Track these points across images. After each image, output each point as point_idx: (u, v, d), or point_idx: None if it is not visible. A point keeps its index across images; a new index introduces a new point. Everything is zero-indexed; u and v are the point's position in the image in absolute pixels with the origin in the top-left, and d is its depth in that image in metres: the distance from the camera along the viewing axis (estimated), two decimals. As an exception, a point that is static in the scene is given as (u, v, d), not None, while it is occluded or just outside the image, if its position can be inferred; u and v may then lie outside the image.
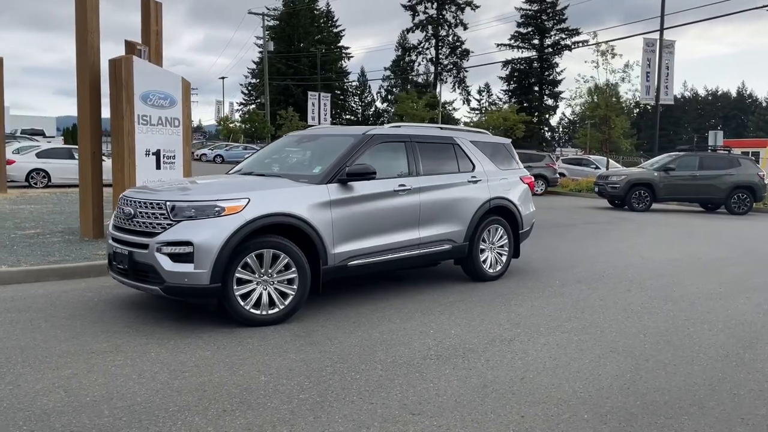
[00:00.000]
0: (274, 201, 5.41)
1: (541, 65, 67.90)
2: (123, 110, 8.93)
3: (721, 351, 4.89)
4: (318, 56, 63.07)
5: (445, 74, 78.15)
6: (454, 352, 4.75)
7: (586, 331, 5.37)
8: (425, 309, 6.00)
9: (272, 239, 5.33)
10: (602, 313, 5.96)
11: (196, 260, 5.01)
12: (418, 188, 6.50)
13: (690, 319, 5.80)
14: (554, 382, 4.15)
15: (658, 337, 5.21)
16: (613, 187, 18.14)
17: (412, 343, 4.95)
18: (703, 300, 6.61)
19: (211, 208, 5.14)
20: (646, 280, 7.58)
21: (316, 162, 6.34)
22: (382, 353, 4.68)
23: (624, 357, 4.70)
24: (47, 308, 5.79)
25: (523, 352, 4.77)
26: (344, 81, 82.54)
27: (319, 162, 6.25)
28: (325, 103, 49.60)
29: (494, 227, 7.37)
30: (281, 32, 77.87)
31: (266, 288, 5.34)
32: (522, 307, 6.16)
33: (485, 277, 7.27)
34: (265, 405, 3.70)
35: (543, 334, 5.24)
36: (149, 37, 10.05)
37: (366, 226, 6.02)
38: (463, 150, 7.22)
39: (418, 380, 4.14)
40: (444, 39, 76.15)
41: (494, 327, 5.43)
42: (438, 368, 4.38)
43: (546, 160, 24.75)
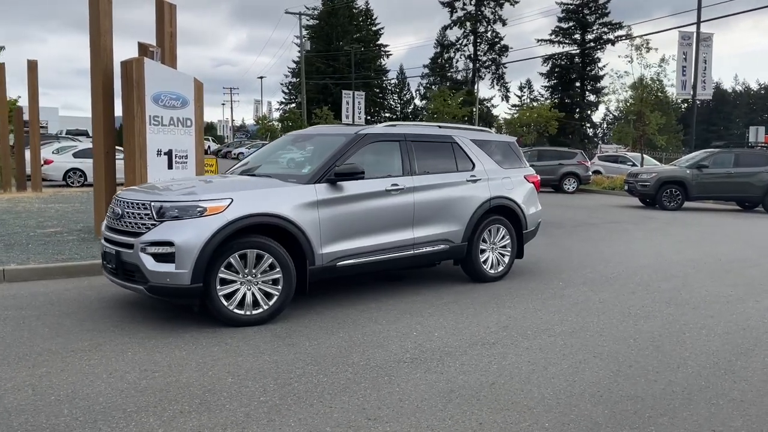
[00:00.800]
0: (257, 201, 5.40)
1: (583, 60, 66.58)
2: (134, 111, 9.07)
3: (711, 358, 4.68)
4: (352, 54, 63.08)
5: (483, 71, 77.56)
6: (431, 355, 4.66)
7: (575, 334, 5.22)
8: (416, 310, 5.92)
9: (256, 239, 5.33)
10: (597, 317, 5.78)
11: (177, 260, 5.04)
12: (412, 188, 6.41)
13: (688, 324, 5.59)
14: (525, 388, 4.03)
15: (649, 343, 5.02)
16: (643, 185, 17.66)
17: (391, 345, 4.88)
18: (709, 303, 6.35)
19: (194, 208, 5.16)
20: (655, 282, 7.34)
21: (308, 162, 6.32)
22: (357, 355, 4.63)
23: (606, 362, 4.54)
24: (44, 306, 5.91)
25: (502, 356, 4.66)
26: (383, 79, 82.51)
27: (311, 162, 6.23)
28: (359, 101, 49.63)
29: (495, 227, 7.23)
30: (320, 31, 78.36)
31: (250, 288, 5.34)
32: (516, 309, 6.02)
33: (486, 278, 7.14)
34: (223, 407, 3.69)
35: (528, 338, 5.10)
36: (163, 39, 10.17)
37: (356, 226, 5.97)
38: (463, 149, 7.10)
39: (385, 384, 4.08)
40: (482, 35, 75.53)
41: (480, 330, 5.32)
42: (409, 372, 4.30)
43: (578, 158, 24.25)
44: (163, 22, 10.20)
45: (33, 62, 18.02)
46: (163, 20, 10.19)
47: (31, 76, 18.13)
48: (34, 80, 18.14)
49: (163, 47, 10.20)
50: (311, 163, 6.15)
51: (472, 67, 75.85)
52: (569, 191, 23.54)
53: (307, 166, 6.13)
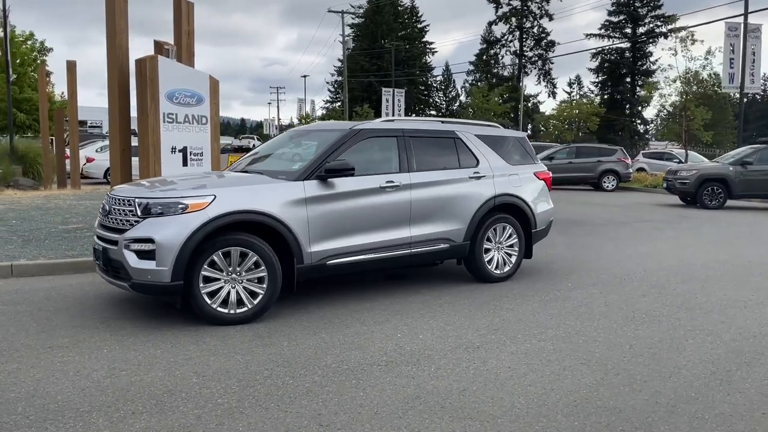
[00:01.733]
0: (241, 198, 5.32)
1: (634, 55, 64.78)
2: (148, 108, 9.13)
3: (710, 367, 4.36)
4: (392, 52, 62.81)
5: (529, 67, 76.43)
6: (409, 358, 4.48)
7: (568, 339, 4.95)
8: (408, 311, 5.74)
9: (239, 237, 5.24)
10: (598, 320, 5.50)
11: (158, 257, 4.99)
12: (409, 185, 6.23)
13: (695, 330, 5.25)
14: (496, 396, 3.82)
15: (645, 349, 4.73)
16: (682, 182, 16.97)
17: (371, 347, 4.72)
18: (723, 308, 5.98)
19: (175, 205, 5.10)
20: (672, 285, 6.96)
21: (301, 158, 6.21)
22: (332, 357, 4.48)
23: (592, 370, 4.28)
24: (41, 301, 5.96)
25: (482, 360, 4.44)
26: (428, 76, 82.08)
27: (304, 158, 6.12)
28: (399, 99, 49.39)
29: (501, 226, 6.98)
30: (365, 29, 78.52)
31: (234, 286, 5.26)
32: (513, 311, 5.78)
33: (491, 278, 6.90)
34: (177, 408, 3.60)
35: (517, 342, 4.87)
36: (181, 37, 10.23)
37: (348, 224, 5.83)
38: (466, 145, 6.87)
39: (351, 388, 3.92)
40: (528, 31, 74.44)
41: (469, 332, 5.11)
42: (379, 376, 4.14)
43: (617, 155, 23.52)
44: (180, 20, 10.26)
45: (72, 63, 18.48)
46: (181, 18, 10.25)
47: (69, 77, 18.61)
48: (73, 80, 18.60)
49: (180, 45, 10.26)
50: (304, 159, 6.03)
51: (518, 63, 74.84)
52: (608, 189, 22.86)
53: (298, 163, 6.01)
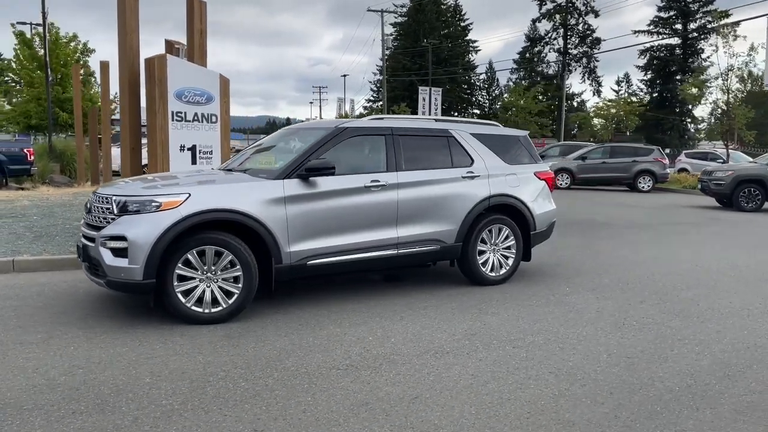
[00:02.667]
0: (216, 197, 5.28)
1: (684, 52, 62.85)
2: (156, 107, 9.22)
3: (687, 380, 4.11)
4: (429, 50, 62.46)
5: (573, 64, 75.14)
6: (372, 362, 4.36)
7: (545, 346, 4.75)
8: (389, 313, 5.61)
9: (214, 236, 5.20)
10: (584, 327, 5.26)
11: (130, 255, 4.99)
12: (396, 184, 6.09)
13: (684, 339, 4.97)
14: (448, 405, 3.67)
15: (623, 359, 4.49)
16: (717, 183, 16.33)
17: (337, 350, 4.61)
18: (724, 316, 5.66)
19: (149, 203, 5.09)
20: (676, 291, 6.65)
21: (286, 157, 6.13)
22: (293, 360, 4.39)
23: (560, 380, 4.08)
24: (30, 297, 6.04)
25: (447, 367, 4.29)
26: (470, 75, 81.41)
27: (288, 157, 6.04)
28: (436, 97, 49.07)
29: (497, 227, 6.77)
30: (407, 28, 78.36)
31: (210, 286, 5.22)
32: (498, 315, 5.59)
33: (485, 281, 6.71)
34: (118, 409, 3.56)
35: (490, 348, 4.69)
36: (193, 36, 10.30)
37: (330, 223, 5.73)
38: (460, 143, 6.69)
39: (301, 393, 3.82)
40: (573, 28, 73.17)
41: (443, 337, 4.95)
42: (336, 380, 4.03)
43: (654, 154, 22.81)
44: (192, 19, 10.32)
45: (105, 64, 18.88)
46: (193, 17, 10.31)
47: (103, 78, 19.01)
48: (106, 81, 19.00)
49: (192, 44, 10.33)
50: (288, 158, 5.96)
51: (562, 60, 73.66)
52: (644, 190, 22.20)
53: (281, 161, 5.94)
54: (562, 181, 22.57)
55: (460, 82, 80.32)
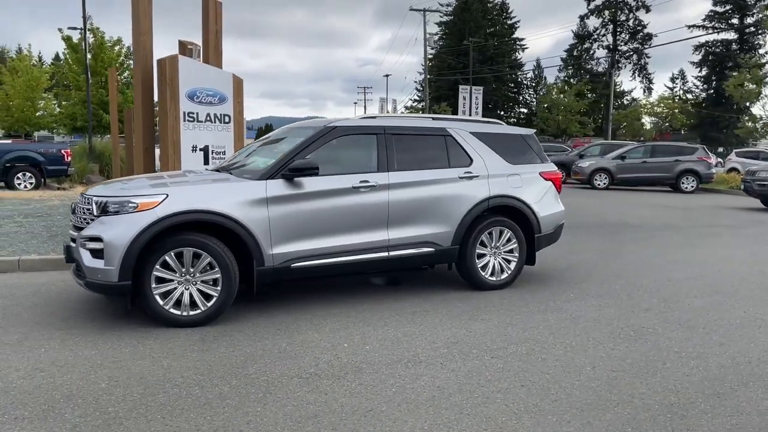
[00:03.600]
0: (194, 197, 5.17)
1: (741, 47, 60.49)
2: (167, 107, 9.24)
3: (671, 397, 3.79)
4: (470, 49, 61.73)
5: (623, 61, 73.38)
6: (338, 371, 4.18)
7: (526, 357, 4.48)
8: (374, 319, 5.41)
9: (192, 237, 5.10)
10: (575, 337, 4.96)
11: (106, 256, 4.94)
12: (387, 185, 5.89)
13: (681, 352, 4.62)
14: (401, 419, 3.46)
15: (607, 372, 4.19)
16: (761, 184, 15.52)
17: (306, 357, 4.44)
18: (732, 328, 5.27)
19: (126, 203, 5.03)
20: (689, 298, 6.25)
21: (274, 157, 5.99)
22: (258, 367, 4.25)
23: (530, 394, 3.81)
24: (25, 296, 6.06)
25: (414, 378, 4.07)
26: (517, 74, 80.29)
27: (277, 157, 5.90)
28: (476, 96, 48.51)
29: (498, 230, 6.49)
30: (452, 27, 77.91)
31: (188, 288, 5.13)
32: (487, 323, 5.33)
33: (484, 286, 6.44)
34: (61, 416, 3.48)
35: (467, 358, 4.45)
36: (209, 36, 10.30)
37: (315, 225, 5.57)
38: (459, 143, 6.44)
39: (252, 402, 3.67)
40: (623, 24, 71.50)
41: (422, 345, 4.73)
42: (293, 390, 3.86)
43: (698, 153, 21.89)
44: (208, 20, 10.32)
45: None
46: (209, 18, 10.31)
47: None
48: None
49: (207, 45, 10.33)
50: (276, 158, 5.82)
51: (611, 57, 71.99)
52: (687, 191, 21.32)
53: (268, 162, 5.81)
54: (599, 181, 21.91)
55: (506, 81, 79.40)
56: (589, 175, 22.10)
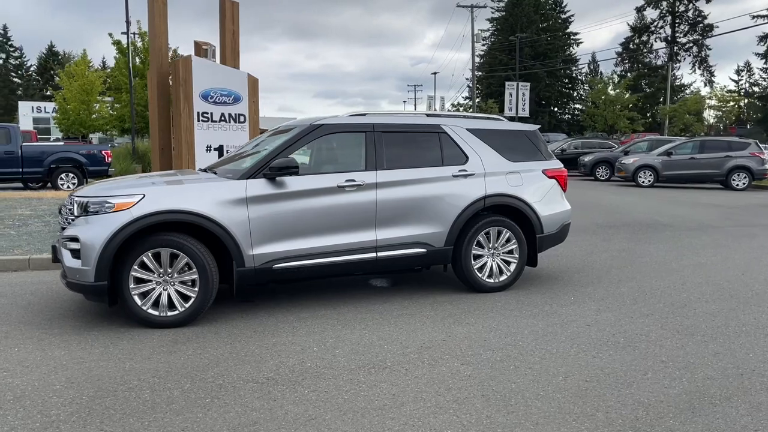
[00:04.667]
0: (171, 197, 5.13)
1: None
2: (181, 107, 9.32)
3: (639, 411, 3.51)
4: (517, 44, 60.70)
5: (682, 54, 71.02)
6: (297, 376, 4.05)
7: (499, 364, 4.25)
8: (356, 321, 5.27)
9: (169, 237, 5.06)
10: (559, 343, 4.70)
11: (83, 256, 4.95)
12: (374, 184, 5.73)
13: (670, 361, 4.31)
14: (340, 429, 3.31)
15: (580, 383, 3.93)
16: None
17: (270, 361, 4.33)
18: (734, 336, 4.90)
19: (103, 204, 5.03)
20: (698, 304, 5.87)
21: (258, 156, 5.91)
22: (218, 370, 4.16)
23: (489, 405, 3.60)
24: (22, 295, 6.16)
25: (372, 384, 3.91)
26: (571, 69, 78.58)
27: (259, 156, 5.82)
28: (523, 92, 47.66)
29: (495, 230, 6.24)
30: (504, 23, 76.93)
31: (166, 289, 5.10)
32: (472, 326, 5.11)
33: (482, 288, 6.21)
34: (3, 417, 3.47)
35: (436, 364, 4.26)
36: (225, 37, 10.36)
37: (298, 225, 5.46)
38: (453, 140, 6.22)
39: (195, 409, 3.58)
40: (682, 15, 69.21)
41: (393, 349, 4.56)
42: (243, 396, 3.75)
43: (750, 149, 20.84)
44: (225, 20, 10.39)
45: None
46: (225, 18, 10.37)
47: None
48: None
49: (224, 45, 10.39)
50: (258, 157, 5.74)
51: (669, 50, 69.76)
52: (738, 188, 20.33)
53: (251, 161, 5.74)
54: (644, 178, 21.12)
55: (559, 77, 77.86)
56: (632, 172, 21.33)
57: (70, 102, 39.47)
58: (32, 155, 17.39)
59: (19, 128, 18.05)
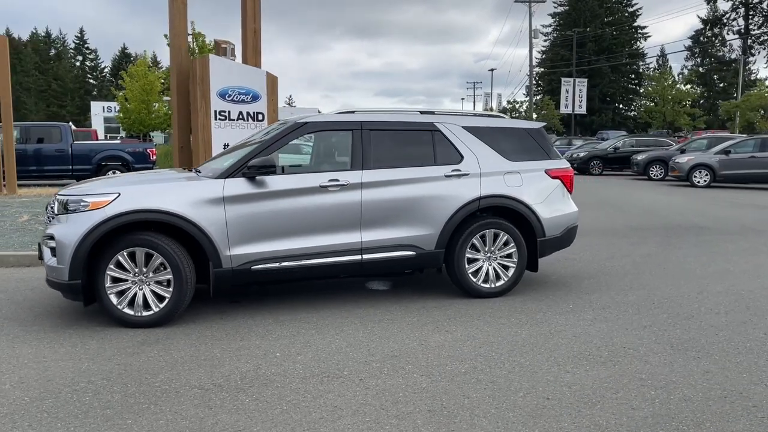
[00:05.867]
0: (146, 196, 5.08)
1: None
2: (198, 106, 9.37)
3: (591, 429, 3.21)
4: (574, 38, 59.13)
5: (756, 47, 67.90)
6: (245, 384, 3.92)
7: (459, 377, 4.00)
8: (333, 325, 5.10)
9: (144, 237, 5.02)
10: (534, 356, 4.39)
11: (58, 255, 4.97)
12: (359, 183, 5.54)
13: (648, 380, 3.95)
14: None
15: (539, 400, 3.64)
16: None
17: (225, 366, 4.22)
18: (733, 353, 4.47)
19: (78, 202, 5.03)
20: (709, 315, 5.42)
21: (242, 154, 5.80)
22: (170, 375, 4.07)
23: (425, 423, 3.36)
24: (20, 290, 6.24)
25: (316, 395, 3.73)
26: (638, 63, 76.10)
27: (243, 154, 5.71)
28: (580, 89, 46.36)
29: (492, 232, 5.95)
30: (566, 17, 75.26)
31: (142, 289, 5.06)
32: (449, 335, 4.86)
33: (477, 293, 5.93)
34: (-61, 416, 3.47)
35: (394, 375, 4.04)
36: (247, 35, 10.36)
37: (278, 226, 5.33)
38: (448, 138, 5.95)
39: (127, 415, 3.49)
40: (756, 6, 66.11)
41: (360, 357, 4.37)
42: (178, 403, 3.64)
43: (815, 146, 19.54)
44: (246, 19, 10.38)
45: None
46: (247, 17, 10.37)
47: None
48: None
49: (246, 43, 10.39)
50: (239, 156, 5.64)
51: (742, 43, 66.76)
52: (801, 189, 19.09)
53: (232, 160, 5.64)
54: (699, 178, 20.09)
55: (624, 72, 75.58)
56: (687, 171, 20.33)
57: (131, 102, 40.79)
58: (81, 153, 17.97)
59: (70, 127, 18.68)
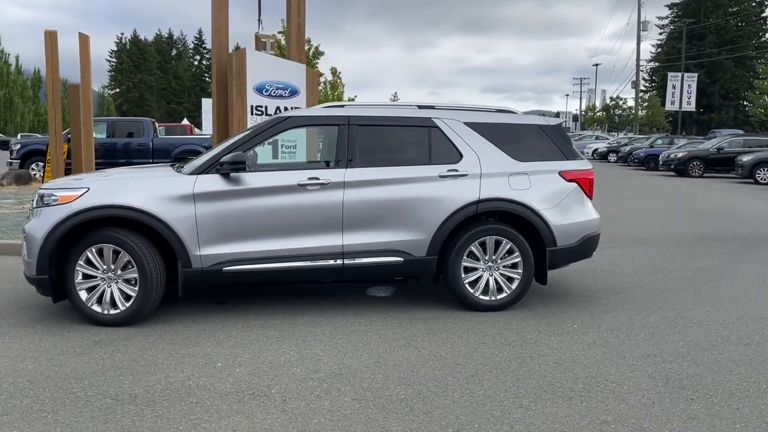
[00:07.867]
0: (113, 192, 4.95)
1: None
2: (234, 101, 9.29)
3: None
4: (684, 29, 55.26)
5: None
6: (163, 396, 3.65)
7: (394, 405, 3.53)
8: (298, 335, 4.76)
9: (110, 233, 4.89)
10: (492, 386, 3.83)
11: (27, 249, 4.94)
12: (341, 183, 5.15)
13: (613, 424, 3.31)
14: (129, 469, 2.85)
15: (493, 410, 3.12)
16: None
17: (155, 375, 3.97)
18: (736, 396, 3.70)
19: (50, 196, 4.97)
20: (730, 347, 4.60)
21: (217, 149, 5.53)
22: (94, 381, 3.87)
23: None
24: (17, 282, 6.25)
25: (228, 415, 3.40)
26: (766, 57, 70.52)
27: (227, 150, 5.45)
28: (689, 84, 43.23)
29: (493, 240, 5.37)
30: (685, 8, 70.96)
31: (110, 286, 4.94)
32: (415, 352, 4.38)
33: (474, 306, 5.38)
34: None
35: (323, 397, 3.63)
36: (291, 29, 10.18)
37: (252, 226, 5.05)
38: (446, 135, 5.42)
39: (17, 423, 3.31)
40: None
41: (302, 374, 4.00)
42: (79, 414, 3.43)
43: None
44: (290, 13, 10.21)
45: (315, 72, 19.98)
46: (291, 10, 10.19)
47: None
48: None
49: (290, 37, 10.23)
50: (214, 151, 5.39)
51: None
52: None
53: (208, 155, 5.39)
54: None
55: (750, 67, 70.25)
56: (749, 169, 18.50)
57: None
58: (161, 147, 18.62)
59: (151, 122, 19.41)
